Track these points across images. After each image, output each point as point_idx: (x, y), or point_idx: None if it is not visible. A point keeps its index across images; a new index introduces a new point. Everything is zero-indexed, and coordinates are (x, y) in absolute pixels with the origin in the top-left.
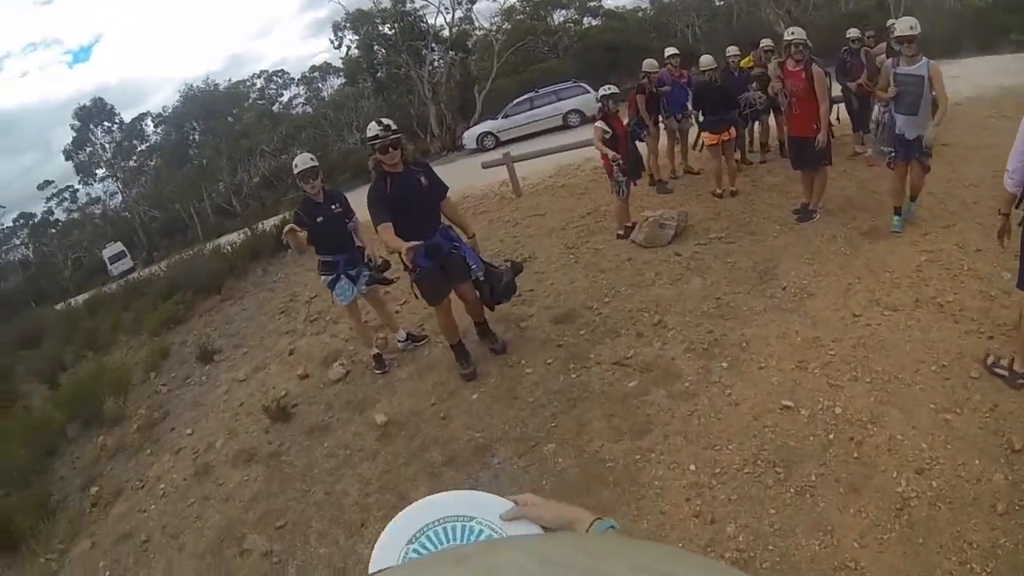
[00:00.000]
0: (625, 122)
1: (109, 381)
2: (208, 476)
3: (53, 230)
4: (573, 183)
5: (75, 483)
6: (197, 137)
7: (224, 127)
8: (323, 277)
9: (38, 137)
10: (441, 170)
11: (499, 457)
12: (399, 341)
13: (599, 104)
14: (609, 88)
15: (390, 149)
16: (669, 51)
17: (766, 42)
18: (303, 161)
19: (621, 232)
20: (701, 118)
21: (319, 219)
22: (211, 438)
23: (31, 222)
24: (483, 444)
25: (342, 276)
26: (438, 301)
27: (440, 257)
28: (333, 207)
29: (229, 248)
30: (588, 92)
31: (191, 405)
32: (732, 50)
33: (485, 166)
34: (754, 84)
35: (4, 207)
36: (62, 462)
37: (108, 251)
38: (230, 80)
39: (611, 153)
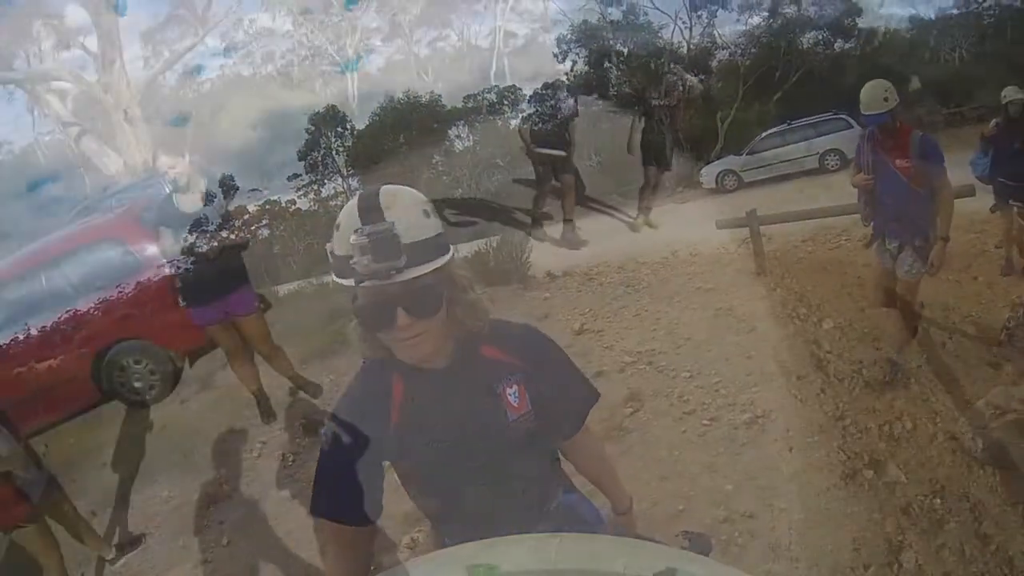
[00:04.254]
0: None
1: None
2: None
3: (289, 217)
4: (841, 258)
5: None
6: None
7: (427, 137)
8: None
9: (302, 134)
10: (673, 212)
11: None
12: None
13: None
14: None
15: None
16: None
17: None
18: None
19: None
20: None
21: None
22: None
23: (275, 208)
24: None
25: None
26: None
27: None
28: None
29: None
30: (852, 127)
31: (247, 510)
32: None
33: (720, 226)
34: None
35: (264, 190)
36: None
37: (330, 246)
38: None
39: None
